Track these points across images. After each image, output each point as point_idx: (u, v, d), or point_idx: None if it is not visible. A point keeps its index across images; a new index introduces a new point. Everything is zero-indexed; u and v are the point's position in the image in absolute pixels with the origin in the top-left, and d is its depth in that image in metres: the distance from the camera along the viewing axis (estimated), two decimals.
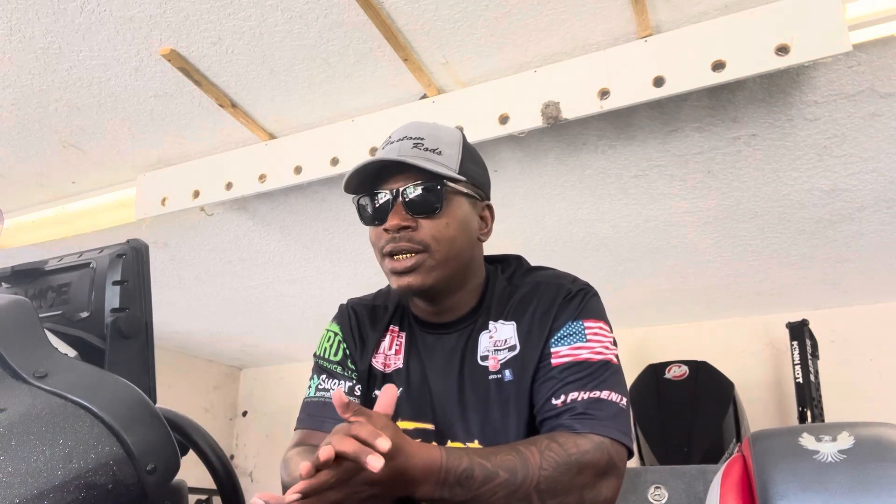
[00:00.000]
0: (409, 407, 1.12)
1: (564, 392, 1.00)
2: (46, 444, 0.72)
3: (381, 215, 1.07)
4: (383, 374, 1.16)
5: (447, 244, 1.06)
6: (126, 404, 0.81)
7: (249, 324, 4.14)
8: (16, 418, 0.74)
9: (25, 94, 2.10)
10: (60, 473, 0.71)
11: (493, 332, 1.11)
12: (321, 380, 1.17)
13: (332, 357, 1.18)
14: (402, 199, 1.05)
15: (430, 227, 1.05)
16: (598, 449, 0.94)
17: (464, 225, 1.09)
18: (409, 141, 1.07)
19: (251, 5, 1.75)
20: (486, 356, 1.10)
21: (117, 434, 0.77)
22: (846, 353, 3.47)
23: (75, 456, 0.73)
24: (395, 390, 0.94)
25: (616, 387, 1.01)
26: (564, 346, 1.04)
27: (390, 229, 1.05)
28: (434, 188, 1.05)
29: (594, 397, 0.99)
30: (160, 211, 2.44)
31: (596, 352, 1.04)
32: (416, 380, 1.13)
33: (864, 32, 1.69)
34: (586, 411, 0.97)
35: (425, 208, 1.05)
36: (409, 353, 1.16)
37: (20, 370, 0.82)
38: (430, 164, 1.04)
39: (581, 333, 1.05)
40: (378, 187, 1.08)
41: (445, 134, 1.11)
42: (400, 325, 1.19)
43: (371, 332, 1.19)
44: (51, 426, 0.74)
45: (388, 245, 1.06)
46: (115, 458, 0.76)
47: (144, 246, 1.09)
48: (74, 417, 0.76)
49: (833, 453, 1.31)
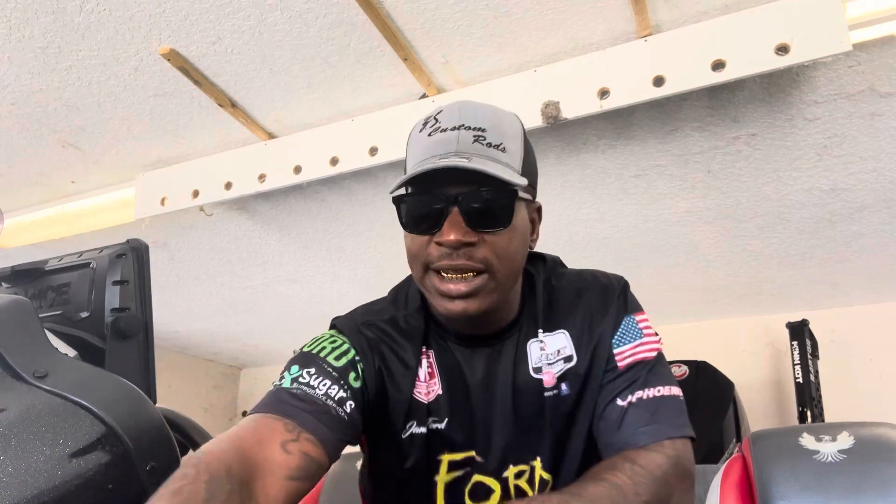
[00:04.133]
0: (455, 436, 0.99)
1: (631, 392, 0.96)
2: (46, 444, 0.72)
3: (432, 224, 0.89)
4: (427, 405, 0.99)
5: (510, 262, 0.92)
6: (126, 404, 0.81)
7: (249, 324, 4.14)
8: (16, 418, 0.73)
9: (25, 94, 2.10)
10: (60, 473, 0.70)
11: (544, 343, 1.00)
12: (305, 373, 0.93)
13: (333, 361, 0.96)
14: (463, 208, 0.88)
15: (494, 244, 0.89)
16: (674, 457, 0.91)
17: (524, 236, 0.95)
18: (467, 132, 0.89)
19: (251, 5, 1.75)
20: (539, 368, 0.99)
21: (117, 434, 0.77)
22: (846, 353, 3.47)
23: (75, 456, 0.73)
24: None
25: (671, 378, 1.00)
26: (626, 346, 1.00)
27: (446, 244, 0.88)
28: (504, 200, 0.89)
29: (659, 395, 0.96)
30: (160, 211, 2.44)
31: (652, 347, 1.01)
32: (458, 404, 0.99)
33: (864, 32, 1.69)
34: (653, 416, 0.94)
35: (491, 223, 0.89)
36: (444, 374, 1.00)
37: (20, 370, 0.82)
38: (502, 171, 0.87)
39: (636, 330, 1.02)
40: (432, 188, 0.89)
41: (507, 123, 0.94)
42: (428, 342, 1.02)
43: (409, 359, 1.00)
44: (51, 426, 0.74)
45: (443, 261, 0.89)
46: (114, 458, 0.76)
47: (144, 246, 1.09)
48: (74, 417, 0.76)
49: (833, 453, 1.31)
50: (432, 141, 0.90)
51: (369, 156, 2.10)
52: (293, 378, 0.93)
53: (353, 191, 2.52)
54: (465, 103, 0.93)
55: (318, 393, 0.90)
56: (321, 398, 0.90)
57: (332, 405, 0.90)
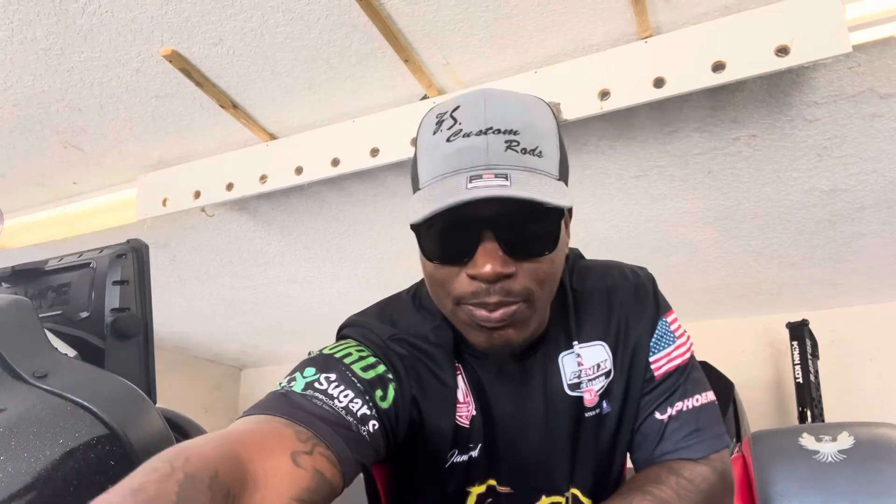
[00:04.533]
0: (486, 464, 0.87)
1: (670, 404, 0.90)
2: (46, 443, 0.72)
3: (462, 254, 0.74)
4: (467, 428, 0.86)
5: (552, 286, 0.80)
6: (126, 404, 0.81)
7: (249, 324, 4.14)
8: (16, 418, 0.74)
9: (27, 95, 2.10)
10: (60, 473, 0.71)
11: (580, 357, 0.89)
12: (322, 378, 0.77)
13: (361, 372, 0.80)
14: (499, 234, 0.73)
15: (535, 271, 0.76)
16: (719, 473, 0.88)
17: (563, 253, 0.82)
18: (497, 137, 0.72)
19: (252, 6, 1.75)
20: (578, 385, 0.89)
21: (117, 434, 0.77)
22: (846, 353, 3.47)
23: (75, 456, 0.73)
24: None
25: (705, 381, 0.95)
26: (661, 353, 0.92)
27: (481, 278, 0.73)
28: (550, 224, 0.75)
29: (698, 405, 0.91)
30: (161, 211, 2.44)
31: (685, 349, 0.95)
32: (489, 428, 0.87)
33: (863, 33, 1.69)
34: (697, 428, 0.89)
35: (534, 250, 0.75)
36: (476, 395, 0.87)
37: (20, 370, 0.82)
38: (548, 191, 0.71)
39: (670, 334, 0.94)
40: (460, 210, 0.71)
41: (540, 118, 0.77)
42: (459, 356, 0.89)
43: (448, 383, 0.86)
44: (51, 426, 0.74)
45: (480, 297, 0.75)
46: (114, 458, 0.76)
47: (144, 246, 1.09)
48: (74, 417, 0.77)
49: (833, 453, 1.31)
50: (454, 149, 0.73)
51: (370, 157, 2.11)
52: (308, 382, 0.76)
53: (354, 191, 2.53)
54: (489, 96, 0.76)
55: (338, 405, 0.74)
56: (340, 411, 0.74)
57: (353, 421, 0.75)
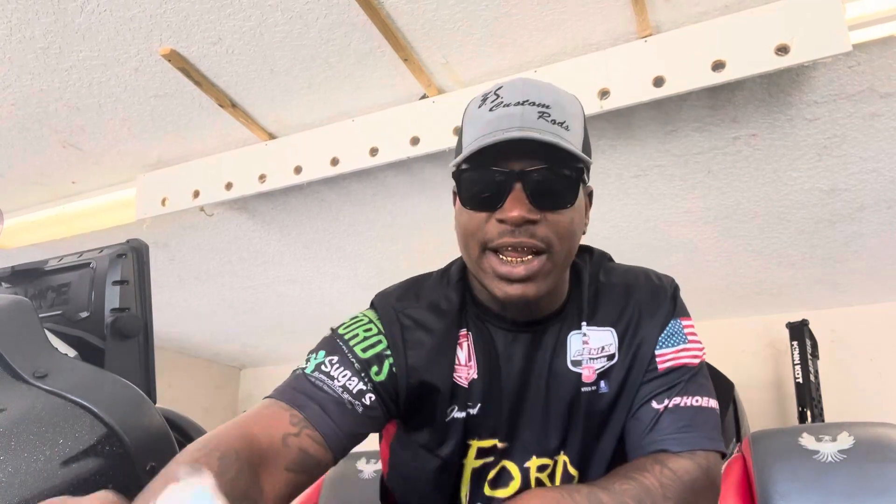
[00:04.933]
0: (486, 422, 0.97)
1: (668, 396, 0.95)
2: (46, 444, 0.72)
3: (494, 200, 0.86)
4: (465, 388, 0.97)
5: (570, 242, 0.90)
6: (126, 404, 0.81)
7: (249, 324, 4.14)
8: (16, 418, 0.74)
9: (25, 94, 2.10)
10: (60, 473, 0.71)
11: (587, 337, 0.98)
12: (328, 361, 0.94)
13: (360, 352, 0.95)
14: (527, 184, 0.85)
15: (557, 223, 0.87)
16: (703, 470, 0.90)
17: (582, 217, 0.93)
18: (532, 108, 0.86)
19: (251, 5, 1.75)
20: (579, 361, 0.97)
21: (117, 434, 0.77)
22: (846, 353, 3.47)
23: (75, 456, 0.73)
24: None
25: (711, 390, 0.98)
26: (669, 349, 0.98)
27: (509, 221, 0.85)
28: (570, 177, 0.87)
29: (697, 405, 0.94)
30: (160, 211, 2.44)
31: (695, 355, 0.99)
32: (492, 389, 0.97)
33: (863, 32, 1.69)
34: (689, 424, 0.93)
35: (556, 201, 0.87)
36: (481, 357, 0.98)
37: (20, 370, 0.82)
38: (569, 146, 0.85)
39: (681, 334, 1.00)
40: (496, 162, 0.86)
41: (568, 101, 0.91)
42: (467, 323, 1.00)
43: (446, 344, 0.98)
44: (51, 426, 0.74)
45: (504, 238, 0.86)
46: (114, 458, 0.76)
47: (144, 246, 1.09)
48: (74, 417, 0.76)
49: (833, 453, 1.31)
50: (494, 116, 0.86)
51: (370, 156, 2.11)
52: (317, 364, 0.94)
53: (354, 191, 2.53)
54: (527, 80, 0.91)
55: (336, 385, 0.91)
56: (338, 390, 0.91)
57: (348, 398, 0.91)
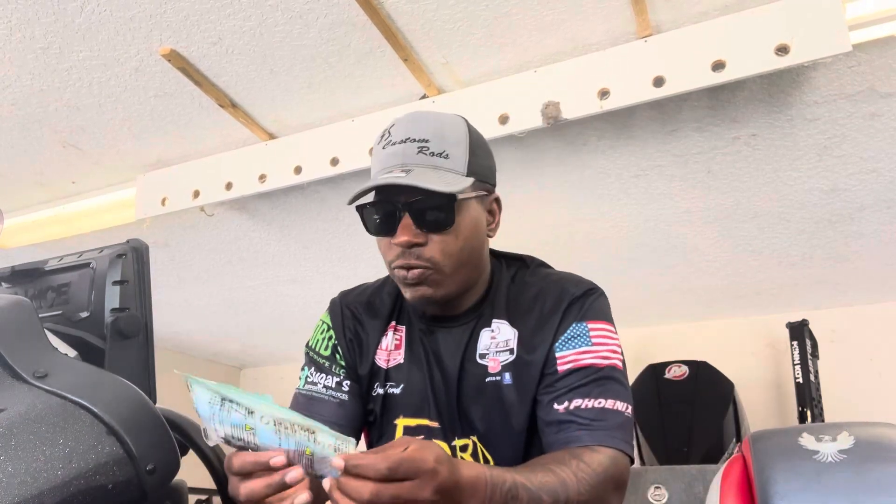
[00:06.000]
0: (411, 403, 1.10)
1: (568, 398, 0.98)
2: (46, 444, 0.72)
3: (388, 228, 1.04)
4: (385, 370, 1.13)
5: (456, 258, 1.03)
6: (126, 404, 0.81)
7: (249, 324, 4.14)
8: (16, 418, 0.73)
9: (25, 94, 2.10)
10: (60, 473, 0.71)
11: (495, 332, 1.09)
12: (310, 372, 1.15)
13: (323, 351, 1.17)
14: (412, 213, 1.01)
15: (440, 243, 1.01)
16: (614, 463, 0.93)
17: (474, 231, 1.05)
18: (413, 144, 1.02)
19: (251, 5, 1.75)
20: (486, 354, 1.08)
21: (117, 434, 0.77)
22: (846, 353, 3.47)
23: (75, 456, 0.73)
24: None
25: (621, 395, 1.00)
26: (569, 351, 1.02)
27: (399, 244, 1.01)
28: (445, 205, 1.00)
29: (599, 407, 0.97)
30: (160, 211, 2.44)
31: (601, 356, 1.01)
32: (417, 375, 1.11)
33: (864, 32, 1.69)
34: (594, 421, 0.96)
35: (437, 225, 1.01)
36: (409, 347, 1.14)
37: (20, 370, 0.82)
38: (439, 181, 0.98)
39: (585, 336, 1.03)
40: (388, 197, 1.03)
41: (450, 130, 1.05)
42: (399, 318, 1.17)
43: (371, 332, 1.16)
44: (51, 426, 0.74)
45: (399, 260, 1.03)
46: (114, 459, 0.76)
47: (144, 246, 1.09)
48: (74, 417, 0.76)
49: (833, 453, 1.31)
50: (385, 154, 1.04)
51: (369, 156, 2.10)
52: (305, 379, 1.16)
53: (353, 191, 2.52)
54: (413, 115, 1.07)
55: (321, 388, 1.12)
56: (323, 392, 1.12)
57: (333, 394, 1.12)
